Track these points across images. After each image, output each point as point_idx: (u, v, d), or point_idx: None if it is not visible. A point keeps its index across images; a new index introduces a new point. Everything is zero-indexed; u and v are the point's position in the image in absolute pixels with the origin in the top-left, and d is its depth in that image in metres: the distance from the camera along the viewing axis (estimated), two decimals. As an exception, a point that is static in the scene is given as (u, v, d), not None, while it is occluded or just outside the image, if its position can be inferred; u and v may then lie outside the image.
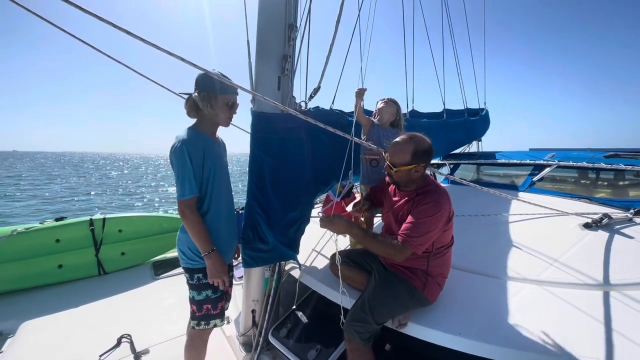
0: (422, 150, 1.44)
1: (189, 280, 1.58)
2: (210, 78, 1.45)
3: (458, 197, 3.19)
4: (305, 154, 1.97)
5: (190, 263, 1.55)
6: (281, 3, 1.84)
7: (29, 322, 2.45)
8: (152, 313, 2.61)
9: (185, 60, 1.28)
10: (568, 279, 1.56)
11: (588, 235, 1.97)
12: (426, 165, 1.47)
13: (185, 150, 1.39)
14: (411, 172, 1.45)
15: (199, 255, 1.52)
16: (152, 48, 1.19)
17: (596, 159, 2.97)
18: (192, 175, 1.41)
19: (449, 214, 1.41)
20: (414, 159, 1.43)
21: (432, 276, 1.47)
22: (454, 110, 4.38)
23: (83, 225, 3.30)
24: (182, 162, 1.39)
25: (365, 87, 2.02)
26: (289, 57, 1.89)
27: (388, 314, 1.42)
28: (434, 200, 1.39)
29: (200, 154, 1.44)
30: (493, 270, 1.71)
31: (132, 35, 1.19)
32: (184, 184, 1.41)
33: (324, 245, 2.05)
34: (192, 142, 1.43)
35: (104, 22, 1.14)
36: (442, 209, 1.37)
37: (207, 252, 1.47)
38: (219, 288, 1.60)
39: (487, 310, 1.43)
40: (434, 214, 1.36)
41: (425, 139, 1.48)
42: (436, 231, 1.38)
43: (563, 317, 1.33)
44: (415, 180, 1.49)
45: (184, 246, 1.56)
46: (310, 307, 1.89)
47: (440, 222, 1.38)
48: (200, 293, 1.57)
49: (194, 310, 1.60)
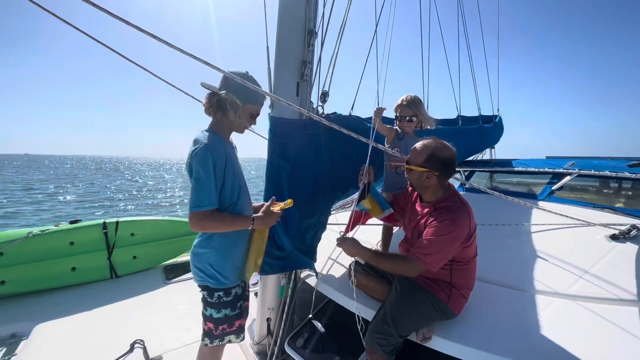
0: (438, 157, 1.39)
1: (208, 298, 1.46)
2: (239, 84, 1.35)
3: (474, 205, 3.13)
4: (324, 160, 1.95)
5: (210, 282, 1.43)
6: (301, 9, 1.84)
7: (43, 325, 2.45)
8: (164, 318, 2.59)
9: (210, 65, 1.27)
10: (600, 293, 1.49)
11: (617, 247, 1.90)
12: (441, 175, 1.40)
13: (210, 157, 1.28)
14: (422, 176, 1.41)
15: (221, 272, 1.43)
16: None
17: (619, 168, 2.88)
18: (214, 184, 1.30)
19: (468, 232, 1.35)
20: (426, 163, 1.39)
21: (457, 288, 1.42)
22: (468, 117, 4.32)
23: (97, 228, 3.32)
24: (205, 170, 1.28)
25: (385, 107, 1.94)
26: (308, 62, 1.88)
27: (411, 326, 1.36)
28: (449, 218, 1.33)
29: (223, 160, 1.34)
30: (519, 283, 1.65)
31: (157, 39, 1.18)
32: (203, 194, 1.28)
33: (340, 253, 2.01)
34: (216, 148, 1.33)
35: (127, 24, 1.14)
36: (458, 227, 1.31)
37: (250, 222, 1.41)
38: (238, 305, 1.52)
39: (515, 325, 1.37)
40: (448, 233, 1.31)
41: (447, 149, 1.43)
42: (452, 249, 1.34)
43: (597, 334, 1.27)
44: (428, 188, 1.44)
45: (202, 263, 1.42)
46: (327, 316, 1.84)
47: (457, 241, 1.33)
48: (220, 311, 1.47)
49: (211, 328, 1.49)
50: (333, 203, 2.08)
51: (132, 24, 1.15)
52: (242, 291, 1.57)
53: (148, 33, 1.20)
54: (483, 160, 4.70)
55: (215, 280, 1.44)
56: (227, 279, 1.45)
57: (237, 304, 1.52)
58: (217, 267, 1.43)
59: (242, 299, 1.57)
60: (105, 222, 3.38)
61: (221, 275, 1.44)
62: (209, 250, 1.42)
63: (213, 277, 1.43)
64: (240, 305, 1.55)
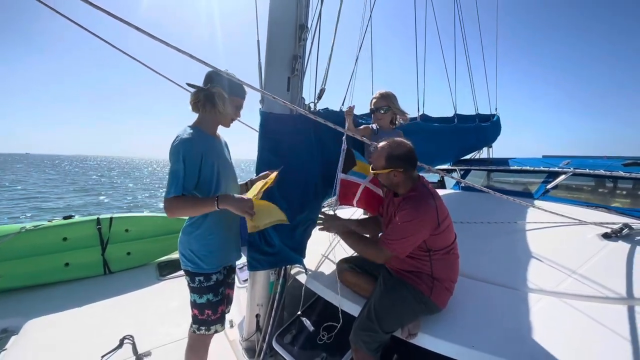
0: (397, 155, 1.44)
1: (190, 283, 1.54)
2: (223, 77, 1.43)
3: (468, 203, 3.14)
4: (314, 156, 1.94)
5: (190, 266, 1.51)
6: (292, 3, 1.83)
7: (34, 321, 2.44)
8: (155, 314, 2.58)
9: (195, 58, 1.26)
10: (589, 291, 1.48)
11: (608, 245, 1.88)
12: (405, 169, 1.44)
13: (181, 150, 1.35)
14: (390, 176, 1.46)
15: (201, 258, 1.49)
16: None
17: (614, 167, 2.86)
18: (181, 175, 1.34)
19: (435, 219, 1.37)
20: (388, 163, 1.44)
21: (439, 280, 1.42)
22: (465, 116, 4.30)
23: (90, 224, 3.31)
24: (175, 161, 1.35)
25: (353, 105, 2.02)
26: (299, 57, 1.87)
27: (396, 321, 1.36)
28: (412, 206, 1.38)
29: (198, 155, 1.39)
30: (508, 280, 1.64)
31: (143, 32, 1.17)
32: (171, 182, 1.35)
33: (330, 250, 2.00)
34: (191, 142, 1.38)
35: (117, 20, 1.13)
36: (421, 214, 1.36)
37: (215, 202, 1.36)
38: (219, 291, 1.56)
39: (503, 322, 1.36)
40: (411, 219, 1.35)
41: (402, 144, 1.47)
42: (418, 235, 1.37)
43: (584, 332, 1.26)
44: (398, 184, 1.48)
45: (184, 248, 1.52)
46: (316, 313, 1.83)
47: (422, 227, 1.36)
48: (202, 296, 1.53)
49: (196, 313, 1.57)
50: (324, 199, 2.06)
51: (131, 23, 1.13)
52: (223, 277, 1.59)
53: (134, 26, 1.18)
54: (480, 159, 4.69)
55: (195, 265, 1.50)
56: (207, 264, 1.51)
57: (219, 290, 1.56)
58: (197, 252, 1.49)
59: (223, 285, 1.60)
60: (99, 217, 3.38)
61: (200, 260, 1.49)
62: (191, 236, 1.50)
63: (193, 261, 1.50)
64: (222, 292, 1.58)
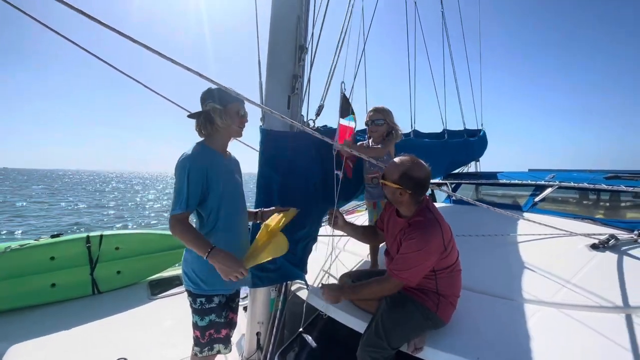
0: (411, 177, 1.41)
1: (192, 304, 1.50)
2: (217, 92, 1.43)
3: (459, 217, 3.21)
4: (314, 172, 1.97)
5: (192, 287, 1.47)
6: (292, 25, 1.91)
7: (18, 345, 2.32)
8: (149, 335, 2.49)
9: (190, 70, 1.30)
10: (584, 301, 1.53)
11: (597, 256, 1.96)
12: (413, 193, 1.43)
13: (187, 166, 1.36)
14: (396, 192, 1.44)
15: (202, 279, 1.45)
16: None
17: (597, 180, 3.00)
18: (186, 191, 1.34)
19: (442, 244, 1.38)
20: (400, 180, 1.42)
21: (444, 296, 1.44)
22: (454, 131, 4.45)
23: (79, 242, 3.21)
24: (179, 177, 1.36)
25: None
26: (299, 77, 1.93)
27: (403, 337, 1.37)
28: (420, 235, 1.36)
29: (203, 171, 1.39)
30: (506, 292, 1.68)
31: (142, 45, 1.20)
32: (176, 199, 1.35)
33: (330, 265, 2.01)
34: (196, 158, 1.39)
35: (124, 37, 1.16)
36: (429, 243, 1.35)
37: (207, 253, 1.29)
38: (222, 314, 1.52)
39: (504, 333, 1.39)
40: (419, 249, 1.35)
41: (422, 168, 1.45)
42: (428, 263, 1.38)
43: (584, 342, 1.29)
44: (402, 203, 1.47)
45: (188, 268, 1.48)
46: (318, 330, 1.82)
47: (431, 255, 1.37)
48: (204, 318, 1.49)
49: (197, 336, 1.52)
50: (324, 215, 2.09)
51: (134, 38, 1.16)
52: (226, 300, 1.55)
53: (140, 43, 1.22)
54: (469, 172, 4.82)
55: (197, 286, 1.47)
56: (208, 285, 1.47)
57: (222, 312, 1.52)
58: (200, 273, 1.45)
59: (226, 309, 1.55)
60: (89, 235, 3.29)
61: (202, 282, 1.46)
62: (193, 255, 1.43)
63: (195, 282, 1.47)
64: (225, 315, 1.54)
